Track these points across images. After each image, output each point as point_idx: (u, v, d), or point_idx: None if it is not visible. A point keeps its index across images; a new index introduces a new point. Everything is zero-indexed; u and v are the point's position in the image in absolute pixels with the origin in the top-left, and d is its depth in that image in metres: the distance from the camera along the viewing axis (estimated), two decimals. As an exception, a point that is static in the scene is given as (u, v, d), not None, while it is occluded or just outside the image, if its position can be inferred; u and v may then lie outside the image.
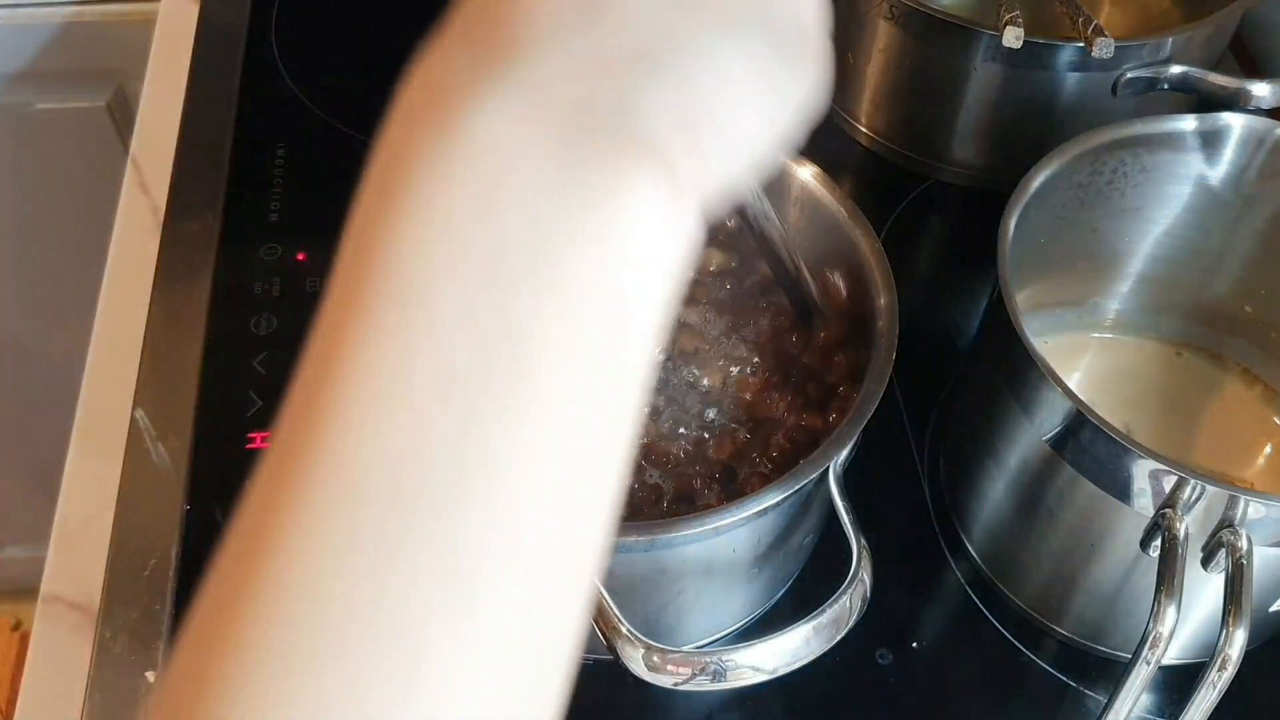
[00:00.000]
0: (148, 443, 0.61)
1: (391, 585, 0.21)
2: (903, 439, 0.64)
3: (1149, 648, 0.45)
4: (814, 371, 0.55)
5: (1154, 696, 0.56)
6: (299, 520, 0.22)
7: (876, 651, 0.56)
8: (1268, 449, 0.62)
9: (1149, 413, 0.62)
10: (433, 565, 0.21)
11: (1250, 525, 0.46)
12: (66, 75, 0.98)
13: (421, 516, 0.21)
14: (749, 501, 0.45)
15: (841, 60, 0.77)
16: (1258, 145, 0.58)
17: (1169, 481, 0.46)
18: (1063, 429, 0.49)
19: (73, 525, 0.59)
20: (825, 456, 0.46)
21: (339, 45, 0.86)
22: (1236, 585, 0.45)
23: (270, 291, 0.67)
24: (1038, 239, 0.56)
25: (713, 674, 0.42)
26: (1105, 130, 0.57)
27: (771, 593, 0.56)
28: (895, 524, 0.60)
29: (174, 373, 0.64)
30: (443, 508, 0.22)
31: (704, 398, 0.55)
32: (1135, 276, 0.64)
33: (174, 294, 0.68)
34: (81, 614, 0.55)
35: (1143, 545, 0.49)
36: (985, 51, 0.67)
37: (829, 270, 0.56)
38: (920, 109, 0.75)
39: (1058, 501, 0.52)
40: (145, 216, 0.72)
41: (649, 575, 0.48)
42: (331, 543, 0.21)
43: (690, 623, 0.53)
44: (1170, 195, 0.60)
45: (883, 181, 0.77)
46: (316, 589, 0.21)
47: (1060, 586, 0.55)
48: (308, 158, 0.76)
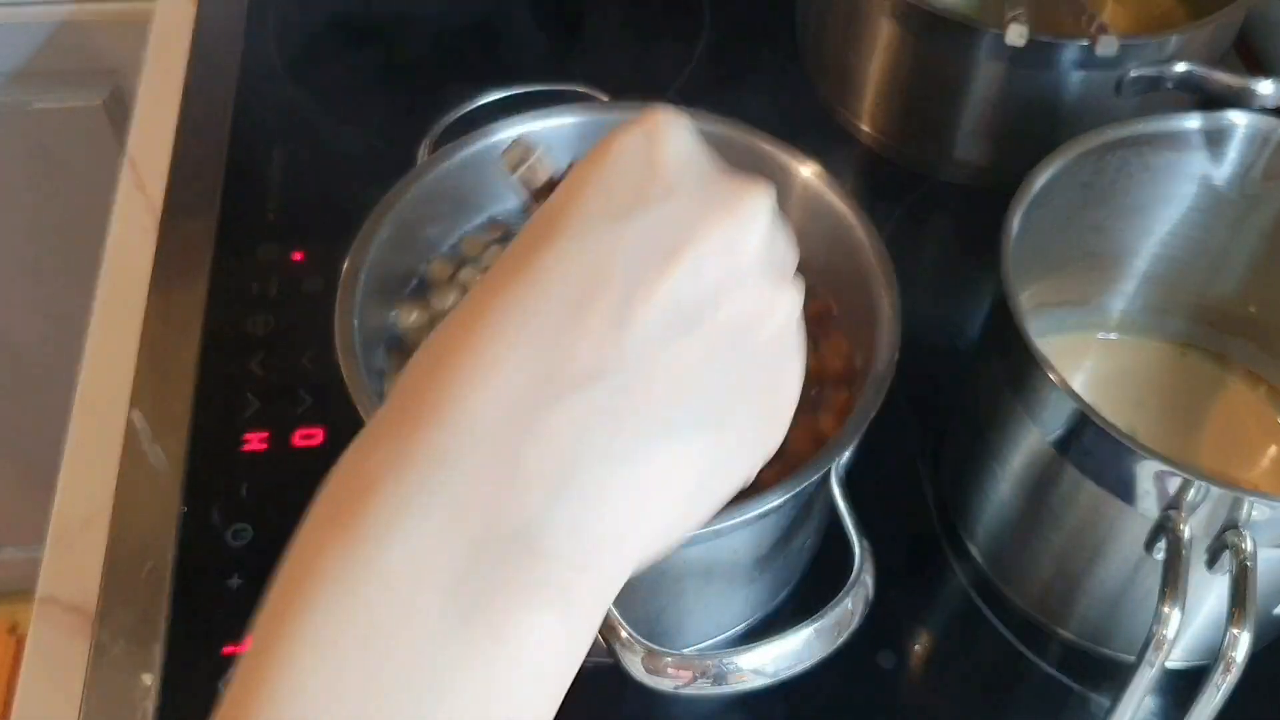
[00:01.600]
0: (144, 444, 0.61)
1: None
2: (905, 440, 0.63)
3: (1153, 650, 0.44)
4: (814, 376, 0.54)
5: (1158, 699, 0.55)
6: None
7: (878, 654, 0.56)
8: (1272, 450, 0.62)
9: (1153, 414, 0.62)
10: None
11: (1255, 527, 0.46)
12: (63, 74, 0.97)
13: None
14: (750, 504, 0.44)
15: (844, 59, 0.76)
16: (1262, 144, 0.57)
17: (1173, 483, 0.46)
18: (1066, 430, 0.49)
19: (69, 527, 0.58)
20: (827, 458, 0.46)
21: (337, 44, 0.85)
22: (1241, 587, 0.45)
23: (268, 292, 0.67)
24: (1041, 238, 0.56)
25: (713, 678, 0.42)
26: (1109, 129, 0.57)
27: (773, 595, 0.56)
28: (898, 526, 0.60)
29: (170, 373, 0.63)
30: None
31: None
32: (1139, 276, 0.63)
33: (171, 293, 0.67)
34: (78, 616, 0.55)
35: (1147, 547, 0.49)
36: (989, 50, 0.67)
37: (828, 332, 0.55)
38: (923, 108, 0.74)
39: (1061, 503, 0.51)
40: (142, 216, 0.72)
41: (649, 577, 0.47)
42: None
43: (690, 626, 0.53)
44: (1174, 194, 0.60)
45: (885, 180, 0.77)
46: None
47: (1064, 588, 0.55)
48: (305, 157, 0.76)
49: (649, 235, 0.28)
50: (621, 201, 0.28)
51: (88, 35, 0.95)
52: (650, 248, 0.28)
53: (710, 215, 0.28)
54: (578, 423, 0.26)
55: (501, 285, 0.28)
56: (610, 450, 0.26)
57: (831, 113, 0.79)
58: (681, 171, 0.29)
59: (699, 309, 0.28)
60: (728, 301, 0.28)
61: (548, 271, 0.27)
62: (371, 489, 0.25)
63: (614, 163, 0.29)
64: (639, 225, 0.28)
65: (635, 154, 0.29)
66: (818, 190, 0.56)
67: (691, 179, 0.29)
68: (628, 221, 0.28)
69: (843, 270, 0.55)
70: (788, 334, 0.31)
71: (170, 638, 0.54)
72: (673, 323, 0.27)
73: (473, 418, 0.26)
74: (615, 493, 0.26)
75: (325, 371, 0.62)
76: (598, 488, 0.26)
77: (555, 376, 0.26)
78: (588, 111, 0.58)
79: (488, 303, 0.27)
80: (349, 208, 0.53)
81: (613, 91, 0.62)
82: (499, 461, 0.25)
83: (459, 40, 0.85)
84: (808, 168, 0.56)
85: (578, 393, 0.26)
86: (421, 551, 0.24)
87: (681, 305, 0.27)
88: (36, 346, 1.16)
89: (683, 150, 0.30)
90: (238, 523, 0.57)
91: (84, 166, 1.02)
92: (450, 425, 0.26)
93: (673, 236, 0.28)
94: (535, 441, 0.26)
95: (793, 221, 0.57)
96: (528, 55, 0.84)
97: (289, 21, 0.85)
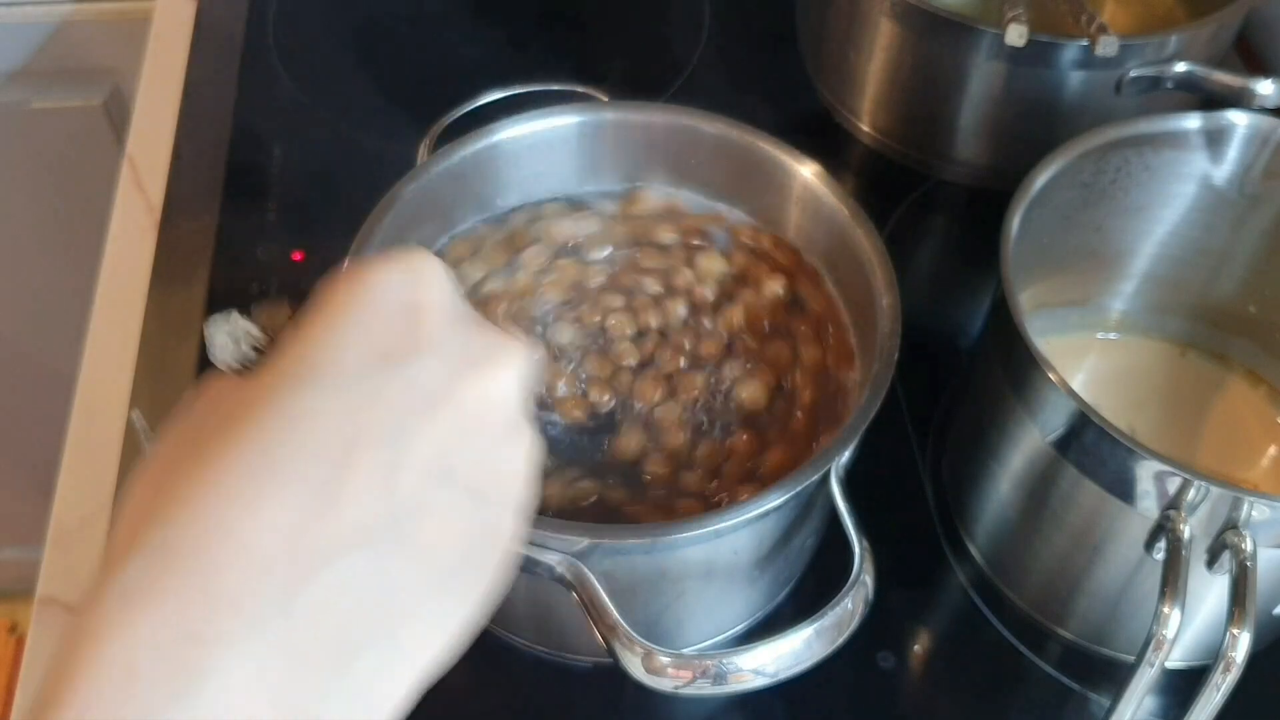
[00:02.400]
0: (143, 444, 0.61)
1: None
2: (905, 440, 0.63)
3: (1153, 650, 0.44)
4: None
5: (1158, 700, 0.55)
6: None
7: (878, 654, 0.56)
8: (1272, 450, 0.62)
9: (1153, 414, 0.62)
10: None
11: (1255, 527, 0.46)
12: (62, 74, 0.97)
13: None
14: (750, 504, 0.44)
15: (844, 59, 0.76)
16: (1262, 144, 0.57)
17: (1173, 483, 0.46)
18: (1066, 430, 0.49)
19: (69, 527, 0.58)
20: (827, 458, 0.46)
21: (336, 44, 0.85)
22: (1241, 587, 0.45)
23: (267, 291, 0.67)
24: (1041, 238, 0.56)
25: (713, 678, 0.42)
26: (1109, 129, 0.57)
27: (773, 595, 0.56)
28: (898, 526, 0.60)
29: (170, 373, 0.63)
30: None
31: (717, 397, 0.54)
32: (1139, 276, 0.63)
33: (170, 293, 0.67)
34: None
35: (1147, 547, 0.49)
36: (988, 50, 0.67)
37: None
38: (923, 107, 0.74)
39: (1061, 503, 0.51)
40: (141, 215, 0.72)
41: (649, 577, 0.48)
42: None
43: (691, 626, 0.53)
44: (1174, 194, 0.60)
45: (885, 180, 0.77)
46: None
47: (1063, 589, 0.55)
48: (304, 157, 0.76)
49: (412, 387, 0.27)
50: (379, 352, 0.27)
51: (87, 35, 0.95)
52: (407, 403, 0.27)
53: (471, 371, 0.28)
54: (350, 586, 0.25)
55: (255, 425, 0.26)
56: (389, 612, 0.26)
57: (831, 113, 0.79)
58: (444, 321, 0.29)
59: (453, 464, 0.28)
60: (474, 455, 0.28)
61: (309, 419, 0.26)
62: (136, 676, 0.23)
63: (374, 303, 0.28)
64: (403, 376, 0.27)
65: (397, 297, 0.29)
66: (818, 190, 0.56)
67: (453, 334, 0.29)
68: (392, 371, 0.27)
69: (843, 270, 0.55)
70: (518, 469, 0.31)
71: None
72: (433, 475, 0.27)
73: (239, 591, 0.24)
74: (398, 658, 0.26)
75: (325, 371, 0.62)
76: (379, 659, 0.26)
77: (321, 538, 0.25)
78: (588, 111, 0.58)
79: (241, 445, 0.25)
80: (349, 208, 0.53)
81: (613, 91, 0.62)
82: (277, 643, 0.24)
83: (459, 40, 0.85)
84: (808, 168, 0.56)
85: (347, 557, 0.25)
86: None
87: (442, 459, 0.27)
88: (36, 346, 1.16)
89: (445, 298, 0.29)
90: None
91: (83, 166, 1.02)
92: (220, 599, 0.24)
93: (435, 390, 0.27)
94: (311, 613, 0.24)
95: (793, 221, 0.58)
96: (528, 55, 0.84)
97: (289, 21, 0.85)
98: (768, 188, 0.57)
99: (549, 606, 0.50)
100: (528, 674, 0.54)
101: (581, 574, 0.43)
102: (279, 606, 0.24)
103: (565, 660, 0.53)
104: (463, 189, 0.57)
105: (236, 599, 0.24)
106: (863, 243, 0.53)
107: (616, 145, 0.59)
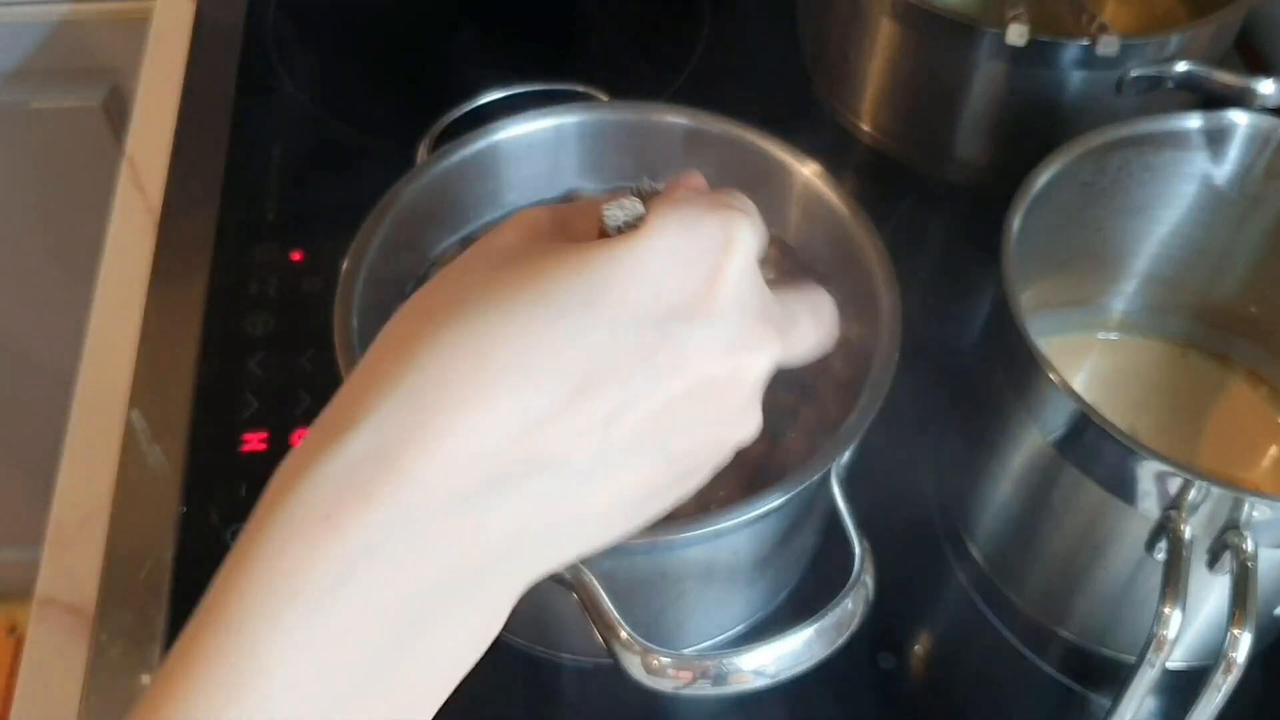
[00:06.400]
0: (143, 444, 0.61)
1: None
2: (905, 440, 0.63)
3: (1153, 651, 0.44)
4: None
5: (1159, 700, 0.55)
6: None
7: (878, 655, 0.56)
8: (1273, 450, 0.62)
9: (1154, 414, 0.62)
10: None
11: (1256, 527, 0.46)
12: (61, 74, 0.97)
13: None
14: (750, 504, 0.44)
15: (844, 59, 0.76)
16: (1263, 143, 0.57)
17: (1174, 483, 0.46)
18: (1067, 430, 0.49)
19: (67, 527, 0.58)
20: (827, 458, 0.46)
21: (336, 43, 0.85)
22: (1242, 588, 0.45)
23: (266, 291, 0.67)
24: (1041, 238, 0.56)
25: (714, 678, 0.41)
26: (1109, 129, 0.57)
27: (773, 596, 0.56)
28: (898, 526, 0.60)
29: (169, 373, 0.63)
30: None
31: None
32: (1140, 276, 0.63)
33: (169, 293, 0.67)
34: (77, 617, 0.55)
35: (1147, 547, 0.49)
36: (989, 49, 0.67)
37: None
38: (923, 107, 0.74)
39: (1062, 503, 0.51)
40: (140, 215, 0.72)
41: (649, 578, 0.48)
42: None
43: (691, 626, 0.53)
44: (1175, 194, 0.60)
45: (885, 180, 0.77)
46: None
47: (1064, 589, 0.55)
48: (304, 156, 0.76)
49: (678, 352, 0.28)
50: (666, 301, 0.28)
51: (87, 35, 0.95)
52: (665, 361, 0.28)
53: (736, 353, 0.29)
54: (527, 505, 0.27)
55: (526, 317, 0.27)
56: (536, 540, 0.27)
57: (831, 113, 0.79)
58: (732, 298, 0.29)
59: (671, 433, 0.28)
60: (695, 429, 0.29)
61: (569, 340, 0.27)
62: (337, 523, 0.25)
63: (683, 251, 0.29)
64: (666, 335, 0.28)
65: (702, 257, 0.29)
66: (818, 190, 0.56)
67: (735, 310, 0.29)
68: (659, 327, 0.28)
69: (843, 270, 0.55)
70: (723, 453, 0.31)
71: (169, 638, 0.53)
72: (648, 436, 0.28)
73: (443, 472, 0.26)
74: (514, 580, 0.28)
75: (325, 372, 0.62)
76: (501, 578, 0.27)
77: (528, 450, 0.26)
78: (588, 111, 0.58)
79: (509, 331, 0.27)
80: (348, 208, 0.53)
81: (613, 91, 0.62)
82: (460, 527, 0.26)
83: (459, 40, 0.85)
84: (808, 168, 0.56)
85: (538, 476, 0.26)
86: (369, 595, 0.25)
87: (665, 424, 0.28)
88: (35, 346, 1.16)
89: (744, 275, 0.30)
90: (237, 523, 0.57)
91: (82, 166, 1.01)
92: (418, 482, 0.26)
93: (696, 360, 0.28)
94: (481, 516, 0.26)
95: (793, 221, 0.58)
96: (528, 55, 0.84)
97: (289, 21, 0.85)
98: (768, 187, 0.57)
99: (548, 607, 0.50)
100: (527, 674, 0.54)
101: (581, 574, 0.43)
102: (461, 502, 0.26)
103: (565, 660, 0.53)
104: (463, 189, 0.57)
105: (436, 489, 0.25)
106: (863, 243, 0.53)
107: (616, 145, 0.59)
